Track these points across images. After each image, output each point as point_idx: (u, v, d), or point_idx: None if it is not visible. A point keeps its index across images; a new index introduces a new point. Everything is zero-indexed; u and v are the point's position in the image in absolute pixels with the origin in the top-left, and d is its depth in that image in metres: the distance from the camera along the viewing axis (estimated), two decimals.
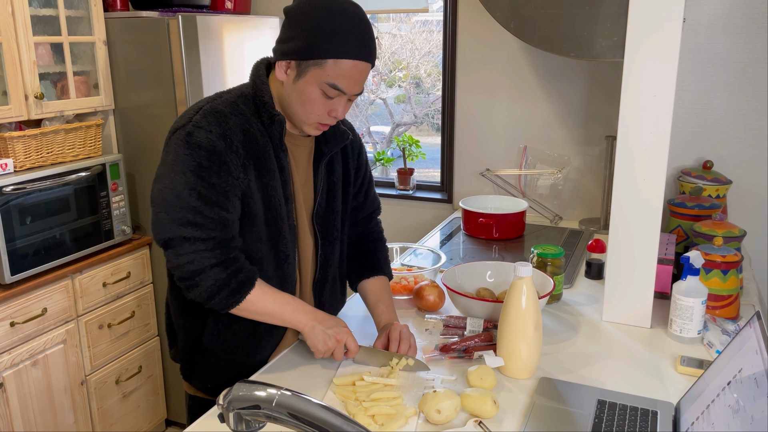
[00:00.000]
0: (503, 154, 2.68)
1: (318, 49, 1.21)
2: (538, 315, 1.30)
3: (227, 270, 1.23)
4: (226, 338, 1.37)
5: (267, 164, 1.29)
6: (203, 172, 1.21)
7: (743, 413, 0.90)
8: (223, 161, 1.22)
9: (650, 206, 1.53)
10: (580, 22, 1.81)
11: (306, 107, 1.27)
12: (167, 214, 1.21)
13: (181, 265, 1.22)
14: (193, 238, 1.21)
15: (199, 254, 1.21)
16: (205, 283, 1.22)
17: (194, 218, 1.20)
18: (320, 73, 1.22)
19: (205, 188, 1.21)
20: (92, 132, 2.47)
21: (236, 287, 1.24)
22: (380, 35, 3.28)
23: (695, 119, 2.28)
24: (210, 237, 1.22)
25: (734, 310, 1.58)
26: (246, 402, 0.69)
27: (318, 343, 1.31)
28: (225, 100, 1.30)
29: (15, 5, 2.14)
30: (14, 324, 2.09)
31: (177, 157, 1.22)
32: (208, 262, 1.22)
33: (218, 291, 1.23)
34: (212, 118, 1.24)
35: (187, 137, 1.22)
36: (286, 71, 1.26)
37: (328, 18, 1.21)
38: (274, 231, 1.32)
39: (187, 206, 1.20)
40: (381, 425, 1.15)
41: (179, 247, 1.22)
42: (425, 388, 1.29)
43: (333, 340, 1.31)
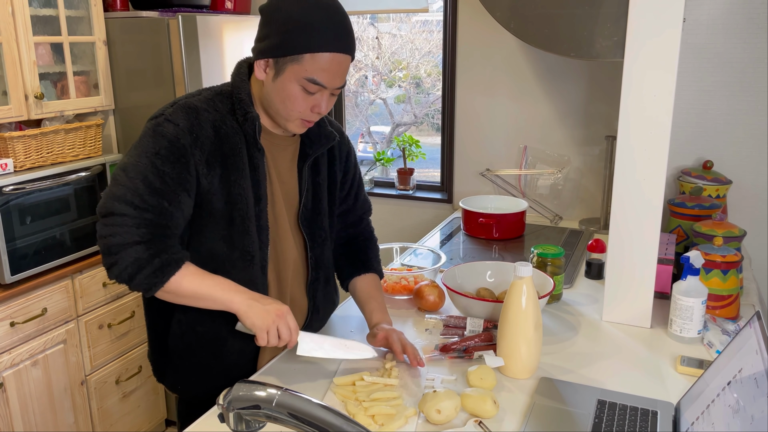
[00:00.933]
0: (503, 154, 2.68)
1: (293, 45, 1.19)
2: (538, 315, 1.30)
3: (150, 249, 1.19)
4: (190, 341, 1.35)
5: (236, 163, 1.27)
6: (157, 160, 1.20)
7: (743, 413, 0.90)
8: (182, 154, 1.21)
9: (650, 206, 1.53)
10: (580, 22, 1.81)
11: (287, 104, 1.25)
12: (111, 188, 1.21)
13: (104, 237, 1.19)
14: (126, 215, 1.18)
15: (125, 228, 1.18)
16: (124, 260, 1.17)
17: (132, 198, 1.19)
18: (298, 69, 1.21)
19: (153, 174, 1.19)
20: (92, 132, 2.47)
21: (159, 267, 1.18)
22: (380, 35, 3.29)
23: (695, 119, 2.28)
24: (142, 218, 1.19)
25: (734, 310, 1.58)
26: (246, 402, 0.69)
27: (258, 320, 1.21)
28: (203, 96, 1.30)
29: (15, 5, 2.14)
30: (14, 324, 2.09)
31: (140, 143, 1.23)
32: (131, 238, 1.18)
33: (139, 270, 1.18)
34: (183, 112, 1.24)
35: (155, 127, 1.23)
36: (264, 70, 1.25)
37: (300, 11, 1.19)
38: (240, 230, 1.29)
39: (131, 186, 1.19)
40: (381, 425, 1.15)
41: (109, 220, 1.19)
42: (425, 388, 1.29)
43: (273, 316, 1.21)
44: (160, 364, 1.41)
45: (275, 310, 1.22)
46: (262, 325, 1.21)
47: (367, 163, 3.39)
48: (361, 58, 3.33)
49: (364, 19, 3.26)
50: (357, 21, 3.25)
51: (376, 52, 3.31)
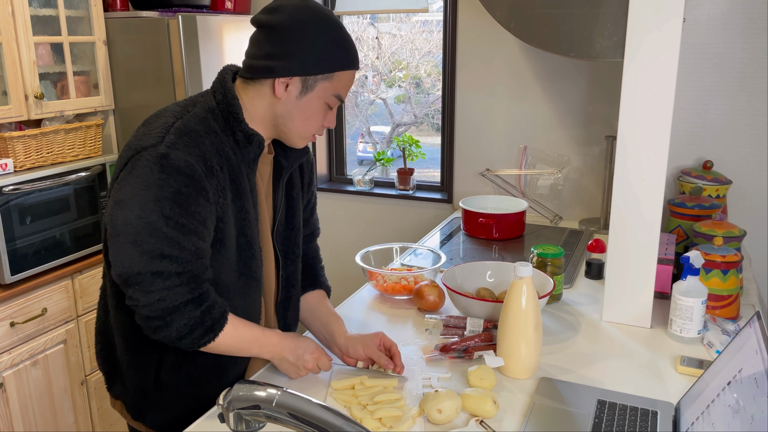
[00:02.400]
0: (503, 154, 2.68)
1: (328, 62, 1.18)
2: (538, 315, 1.30)
3: (200, 307, 1.13)
4: (189, 372, 1.27)
5: (242, 185, 1.21)
6: (182, 200, 1.09)
7: (743, 413, 0.90)
8: (202, 187, 1.11)
9: (650, 206, 1.53)
10: (580, 22, 1.81)
11: (310, 122, 1.23)
12: (136, 246, 1.08)
13: (151, 304, 1.09)
14: (166, 272, 1.09)
15: (172, 291, 1.10)
16: (177, 322, 1.11)
17: (170, 251, 1.08)
18: (328, 87, 1.20)
19: (185, 217, 1.09)
20: (92, 132, 2.47)
21: (210, 326, 1.14)
22: (380, 35, 3.28)
23: (695, 119, 2.28)
24: (185, 270, 1.11)
25: (734, 310, 1.59)
26: (246, 402, 0.69)
27: (288, 373, 1.29)
28: (195, 115, 1.18)
29: (15, 5, 2.14)
30: (14, 324, 2.09)
31: (149, 182, 1.08)
32: (182, 298, 1.10)
33: (191, 331, 1.12)
34: (188, 138, 1.13)
35: (161, 159, 1.09)
36: (286, 88, 1.19)
37: (326, 29, 1.18)
38: (247, 255, 1.24)
39: (163, 237, 1.08)
40: (390, 427, 1.15)
41: (148, 283, 1.09)
42: (423, 387, 1.29)
43: (303, 370, 1.28)
44: (141, 402, 1.29)
45: (303, 364, 1.27)
46: (295, 374, 1.29)
47: (367, 163, 3.39)
48: (361, 58, 3.34)
49: (364, 19, 3.26)
50: (357, 21, 3.25)
51: (376, 52, 3.31)
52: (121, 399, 1.33)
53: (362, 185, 3.05)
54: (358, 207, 3.04)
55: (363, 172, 3.08)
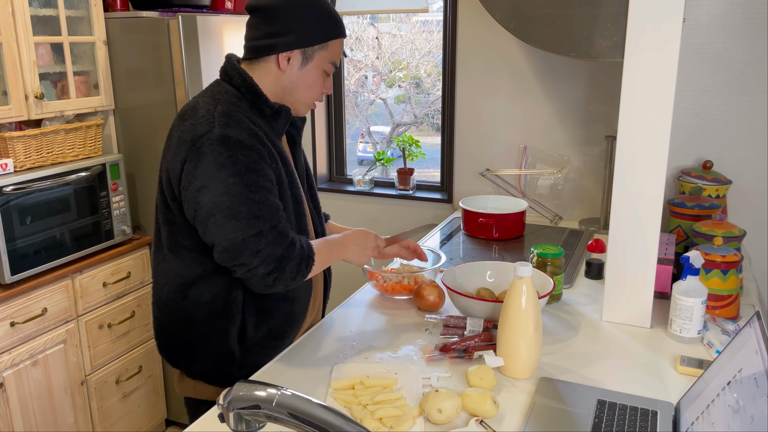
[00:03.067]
0: (503, 154, 2.68)
1: (323, 33, 1.35)
2: (538, 315, 1.30)
3: (295, 246, 1.30)
4: (269, 326, 1.42)
5: (282, 154, 1.37)
6: (255, 167, 1.26)
7: (743, 413, 0.90)
8: (262, 155, 1.28)
9: (650, 206, 1.53)
10: (580, 22, 1.81)
11: (312, 89, 1.39)
12: (233, 218, 1.24)
13: (264, 261, 1.25)
14: (264, 230, 1.25)
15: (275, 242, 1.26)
16: (289, 265, 1.28)
17: (260, 211, 1.25)
18: (325, 55, 1.37)
19: (262, 180, 1.26)
20: (92, 132, 2.47)
21: (308, 254, 1.31)
22: (380, 35, 3.28)
23: (695, 119, 2.28)
24: (276, 224, 1.27)
25: (734, 310, 1.59)
26: (246, 402, 0.69)
27: (359, 259, 1.46)
28: (227, 101, 1.32)
29: (15, 5, 2.14)
30: (14, 324, 2.09)
31: (220, 162, 1.24)
32: (285, 244, 1.27)
33: (299, 267, 1.30)
34: (233, 119, 1.28)
35: (223, 140, 1.24)
36: (288, 61, 1.35)
37: (315, 4, 1.34)
38: (299, 213, 1.41)
39: (252, 202, 1.24)
40: (391, 427, 1.15)
41: (254, 244, 1.24)
42: (423, 387, 1.29)
43: (367, 253, 1.48)
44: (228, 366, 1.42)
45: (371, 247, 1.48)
46: (365, 258, 1.48)
47: (367, 163, 3.39)
48: (361, 58, 3.33)
49: (364, 19, 3.26)
50: (357, 21, 3.25)
51: (376, 52, 3.31)
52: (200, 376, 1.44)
53: (362, 185, 3.05)
54: (358, 207, 3.04)
55: (363, 172, 3.08)
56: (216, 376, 1.44)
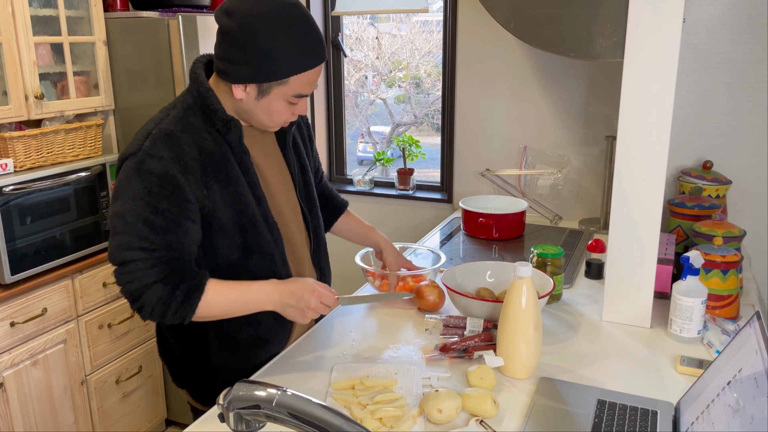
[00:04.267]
0: (503, 154, 2.68)
1: (279, 71, 1.21)
2: (538, 315, 1.30)
3: (168, 284, 1.20)
4: (234, 349, 1.36)
5: (230, 172, 1.27)
6: (152, 199, 1.18)
7: (743, 413, 0.90)
8: (176, 185, 1.19)
9: (650, 206, 1.53)
10: (580, 22, 1.81)
11: (273, 117, 1.28)
12: (115, 238, 1.20)
13: (123, 285, 1.20)
14: (137, 260, 1.19)
15: (139, 273, 1.19)
16: (149, 302, 1.20)
17: (140, 243, 1.18)
18: (284, 90, 1.24)
19: (153, 214, 1.18)
20: (92, 132, 2.47)
21: (183, 298, 1.21)
22: (380, 35, 3.28)
23: (695, 119, 2.28)
24: (153, 257, 1.19)
25: (734, 310, 1.59)
26: (246, 402, 0.69)
27: (296, 319, 1.30)
28: (172, 117, 1.26)
29: (15, 5, 2.14)
30: (14, 324, 2.09)
31: (128, 184, 1.20)
32: (148, 280, 1.19)
33: (166, 306, 1.20)
34: (162, 142, 1.21)
35: (138, 164, 1.19)
36: (245, 90, 1.24)
37: (279, 35, 1.19)
38: (253, 235, 1.30)
39: (134, 232, 1.18)
40: (390, 427, 1.15)
41: (122, 270, 1.20)
42: (423, 387, 1.29)
43: (308, 311, 1.29)
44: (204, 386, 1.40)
45: (306, 305, 1.28)
46: (302, 319, 1.30)
47: (367, 163, 3.39)
48: (361, 58, 3.33)
49: (364, 19, 3.26)
50: (357, 21, 3.25)
51: (376, 52, 3.31)
52: (186, 387, 1.45)
53: (362, 185, 3.05)
54: (358, 207, 3.04)
55: (363, 172, 3.08)
56: (198, 394, 1.44)
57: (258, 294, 1.28)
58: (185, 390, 1.47)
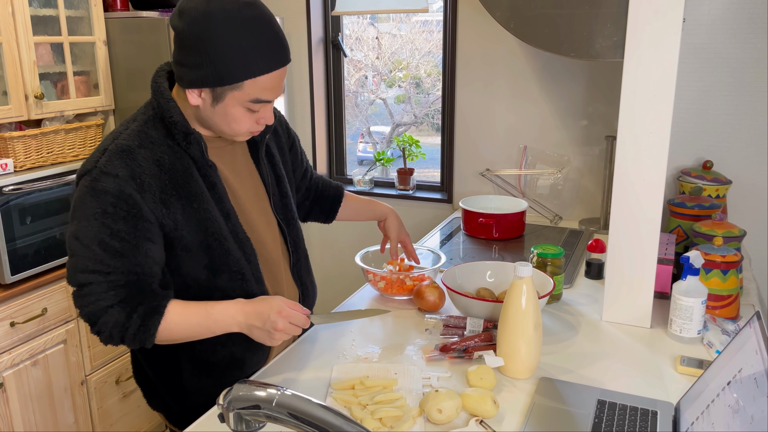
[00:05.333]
0: (503, 154, 2.68)
1: (231, 74, 1.13)
2: (538, 315, 1.30)
3: (126, 308, 1.15)
4: (208, 373, 1.31)
5: (193, 188, 1.21)
6: (107, 220, 1.13)
7: (743, 413, 0.90)
8: (132, 205, 1.14)
9: (650, 206, 1.53)
10: (580, 22, 1.81)
11: (233, 125, 1.20)
12: (71, 260, 1.16)
13: (81, 309, 1.16)
14: (90, 283, 1.14)
15: (95, 296, 1.14)
16: (106, 326, 1.15)
17: (95, 266, 1.13)
18: (239, 95, 1.16)
19: (108, 236, 1.13)
20: (92, 132, 2.47)
21: (141, 322, 1.15)
22: (380, 35, 3.28)
23: (695, 119, 2.28)
24: (108, 281, 1.14)
25: (734, 310, 1.59)
26: (246, 402, 0.69)
27: (264, 341, 1.21)
28: (131, 131, 1.19)
29: (15, 5, 2.14)
30: (14, 324, 2.09)
31: (82, 204, 1.14)
32: (104, 303, 1.14)
33: (124, 331, 1.15)
34: (118, 159, 1.15)
35: (92, 183, 1.13)
36: (200, 95, 1.17)
37: (231, 37, 1.11)
38: (219, 253, 1.24)
39: (89, 255, 1.13)
40: (391, 427, 1.15)
41: (79, 293, 1.16)
42: (423, 387, 1.29)
43: (276, 333, 1.19)
44: (180, 411, 1.36)
45: (273, 326, 1.18)
46: (271, 341, 1.21)
47: (367, 163, 3.39)
48: (361, 58, 3.33)
49: (364, 19, 3.26)
50: (357, 21, 3.25)
51: (376, 52, 3.31)
52: (162, 411, 1.39)
53: (362, 185, 3.05)
54: None
55: (363, 172, 3.08)
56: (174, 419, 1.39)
57: (222, 315, 1.20)
58: (161, 414, 1.42)
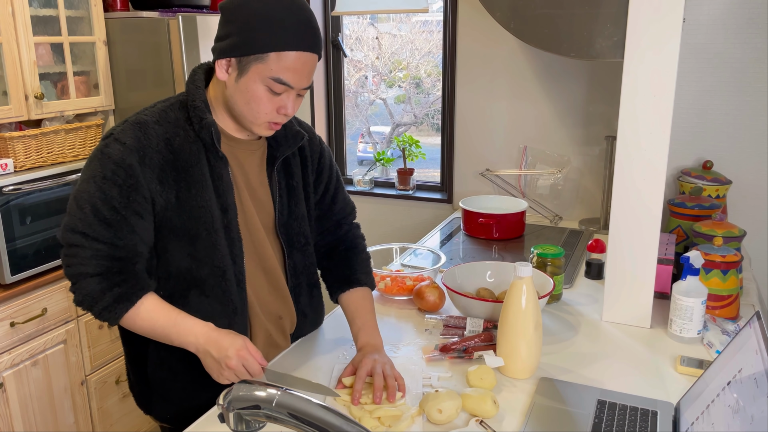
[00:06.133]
0: (503, 154, 2.68)
1: (257, 43, 1.13)
2: (538, 315, 1.30)
3: (103, 282, 1.15)
4: (171, 367, 1.30)
5: (195, 175, 1.21)
6: (104, 184, 1.14)
7: (743, 413, 0.90)
8: (129, 175, 1.15)
9: (650, 206, 1.53)
10: (580, 22, 1.81)
11: (252, 106, 1.19)
12: (66, 218, 1.17)
13: (64, 266, 1.18)
14: (77, 245, 1.15)
15: (79, 259, 1.15)
16: (81, 291, 1.16)
17: (83, 228, 1.14)
18: (263, 68, 1.15)
19: (101, 201, 1.14)
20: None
21: (110, 302, 1.15)
22: (380, 35, 3.28)
23: (695, 119, 2.28)
24: (93, 248, 1.15)
25: (734, 310, 1.58)
26: (246, 402, 0.69)
27: (212, 372, 1.17)
28: (156, 109, 1.24)
29: (15, 5, 2.14)
30: (14, 324, 2.09)
31: (89, 165, 1.18)
32: (86, 270, 1.15)
33: (94, 302, 1.16)
34: (131, 130, 1.18)
35: (102, 148, 1.17)
36: (227, 70, 1.19)
37: (264, 8, 1.13)
38: (206, 245, 1.23)
39: (80, 215, 1.15)
40: (389, 426, 1.15)
41: (66, 250, 1.17)
42: (423, 386, 1.29)
43: (226, 369, 1.14)
44: (145, 394, 1.35)
45: (226, 362, 1.14)
46: (217, 377, 1.17)
47: (367, 163, 3.39)
48: (361, 58, 3.34)
49: (364, 19, 3.26)
50: (357, 21, 3.25)
51: (376, 52, 3.31)
52: (132, 391, 1.41)
53: (362, 185, 3.05)
54: (358, 207, 3.01)
55: (363, 172, 3.08)
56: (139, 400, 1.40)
57: (186, 330, 1.18)
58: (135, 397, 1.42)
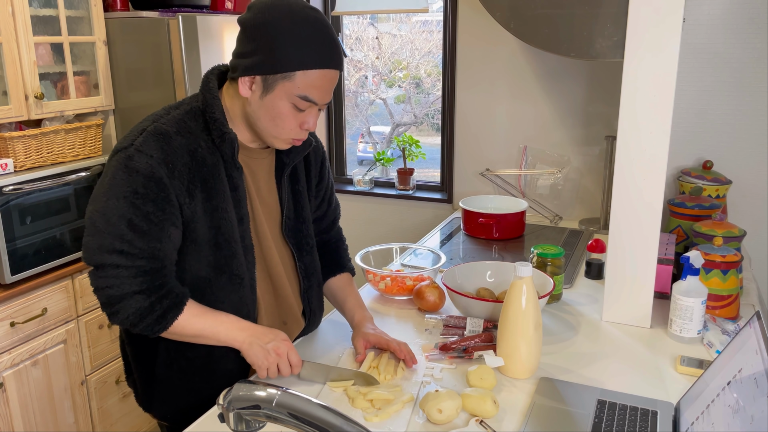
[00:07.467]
0: (503, 154, 2.68)
1: (284, 61, 1.15)
2: (538, 315, 1.30)
3: (151, 297, 1.17)
4: (181, 366, 1.31)
5: (216, 185, 1.22)
6: (138, 200, 1.14)
7: (743, 413, 0.90)
8: (161, 188, 1.15)
9: (650, 206, 1.53)
10: (580, 22, 1.81)
11: (277, 122, 1.21)
12: (95, 238, 1.15)
13: (100, 288, 1.16)
14: (116, 265, 1.15)
15: (120, 280, 1.15)
16: (126, 310, 1.16)
17: (121, 246, 1.14)
18: (290, 87, 1.17)
19: (138, 217, 1.14)
20: (92, 132, 2.47)
21: (161, 313, 1.18)
22: (380, 35, 3.29)
23: (695, 119, 2.28)
24: (134, 265, 1.15)
25: (734, 310, 1.59)
26: (246, 402, 0.69)
27: (258, 359, 1.22)
28: (172, 117, 1.22)
29: (15, 5, 2.14)
30: (14, 324, 2.09)
31: (114, 181, 1.15)
32: (129, 289, 1.16)
33: (141, 318, 1.17)
34: (154, 141, 1.17)
35: (126, 161, 1.15)
36: (250, 87, 1.19)
37: (291, 27, 1.15)
38: (227, 254, 1.25)
39: (116, 234, 1.14)
40: (378, 409, 1.18)
41: (100, 272, 1.16)
42: (424, 376, 1.30)
43: (273, 355, 1.22)
44: (147, 392, 1.36)
45: (275, 348, 1.23)
46: (263, 364, 1.23)
47: (367, 163, 3.39)
48: (361, 58, 3.34)
49: (364, 19, 3.26)
50: (357, 21, 3.25)
51: (376, 52, 3.31)
52: (133, 388, 1.41)
53: (362, 185, 3.05)
54: (358, 207, 3.04)
55: (363, 172, 3.08)
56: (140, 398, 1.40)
57: (232, 326, 1.23)
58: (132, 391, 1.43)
